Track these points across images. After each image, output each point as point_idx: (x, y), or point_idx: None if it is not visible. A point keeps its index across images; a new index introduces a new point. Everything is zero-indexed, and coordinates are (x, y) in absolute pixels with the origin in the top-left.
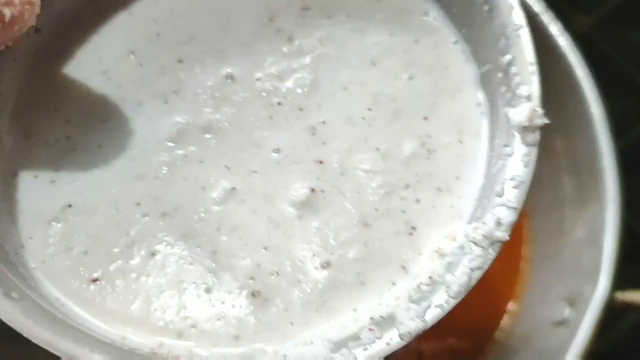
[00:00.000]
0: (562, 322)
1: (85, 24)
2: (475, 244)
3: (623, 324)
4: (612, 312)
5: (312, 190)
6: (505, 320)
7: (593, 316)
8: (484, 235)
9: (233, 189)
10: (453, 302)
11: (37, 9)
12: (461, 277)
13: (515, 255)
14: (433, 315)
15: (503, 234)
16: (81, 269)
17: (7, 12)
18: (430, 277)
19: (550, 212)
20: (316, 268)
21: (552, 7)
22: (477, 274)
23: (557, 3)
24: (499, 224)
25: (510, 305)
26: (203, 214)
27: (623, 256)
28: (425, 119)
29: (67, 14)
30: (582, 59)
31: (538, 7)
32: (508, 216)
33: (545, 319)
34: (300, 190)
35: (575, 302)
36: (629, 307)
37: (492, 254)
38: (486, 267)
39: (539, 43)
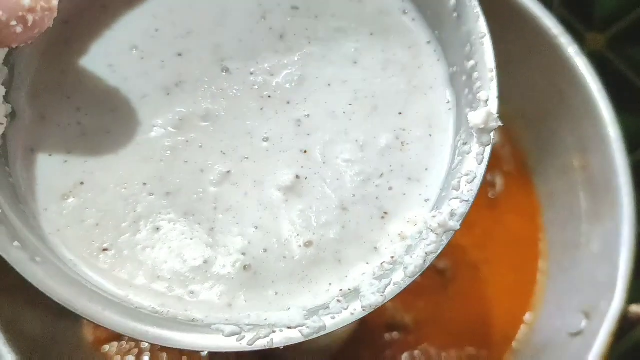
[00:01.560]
0: (578, 333)
1: (91, 17)
2: (432, 231)
3: (634, 335)
4: (624, 324)
5: (297, 176)
6: (522, 331)
7: (609, 328)
8: (439, 224)
9: (228, 172)
10: (408, 281)
11: (55, 14)
12: (417, 259)
13: (532, 268)
14: (390, 291)
15: (455, 224)
16: (92, 239)
17: (30, 18)
18: (392, 257)
19: (566, 227)
20: (300, 246)
21: (566, 25)
22: (431, 258)
23: (570, 21)
24: (452, 214)
25: (528, 316)
26: (202, 194)
27: (637, 270)
28: (400, 114)
29: (74, 6)
30: (598, 80)
31: (556, 30)
32: (460, 208)
33: (562, 329)
34: (286, 176)
35: (591, 314)
36: None
37: (444, 241)
38: (438, 252)
39: (557, 64)
